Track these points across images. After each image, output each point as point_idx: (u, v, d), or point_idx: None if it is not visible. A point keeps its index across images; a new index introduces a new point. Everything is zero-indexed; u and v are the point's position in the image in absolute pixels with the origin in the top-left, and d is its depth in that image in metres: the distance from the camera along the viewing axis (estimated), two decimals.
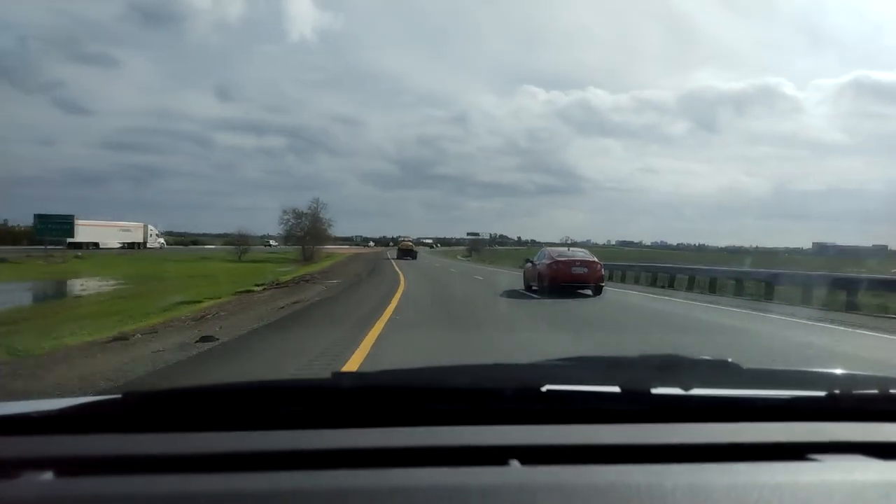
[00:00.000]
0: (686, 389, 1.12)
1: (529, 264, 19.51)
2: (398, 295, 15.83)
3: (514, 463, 0.89)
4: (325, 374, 1.22)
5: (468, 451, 0.92)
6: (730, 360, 1.27)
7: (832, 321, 11.21)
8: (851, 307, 13.84)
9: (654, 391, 1.12)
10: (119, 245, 70.31)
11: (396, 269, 33.58)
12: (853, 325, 10.62)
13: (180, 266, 39.45)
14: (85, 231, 67.53)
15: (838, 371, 1.37)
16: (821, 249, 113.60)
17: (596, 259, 17.89)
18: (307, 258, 51.10)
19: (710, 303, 15.67)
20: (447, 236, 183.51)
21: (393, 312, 11.11)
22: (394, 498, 0.78)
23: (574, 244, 26.37)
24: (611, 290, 18.89)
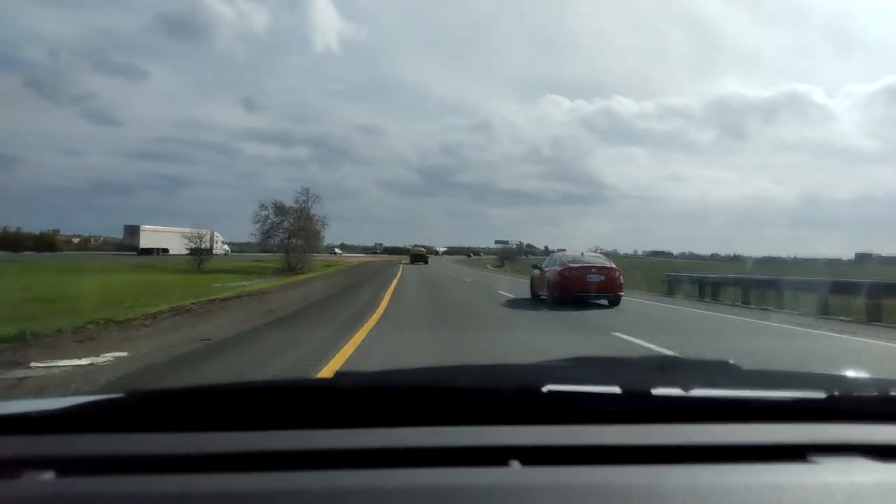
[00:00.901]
0: (686, 390, 1.12)
1: (537, 271, 17.78)
2: None
3: (515, 463, 0.89)
4: None
5: (469, 451, 0.93)
6: (730, 361, 1.27)
7: None
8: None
9: (655, 392, 1.13)
10: (187, 251, 71.07)
11: (396, 290, 20.18)
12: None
13: (82, 280, 21.26)
14: (152, 237, 65.69)
15: (838, 372, 1.37)
16: (862, 259, 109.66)
17: (614, 265, 15.90)
18: (290, 268, 39.11)
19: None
20: (470, 245, 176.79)
21: None
22: (394, 498, 0.78)
23: (604, 254, 22.87)
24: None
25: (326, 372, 7.29)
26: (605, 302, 15.44)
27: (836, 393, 1.17)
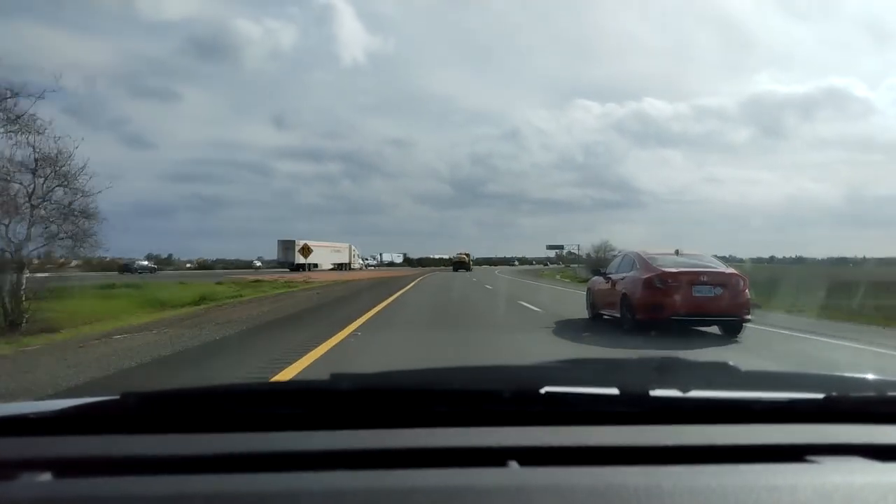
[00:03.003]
0: (684, 391, 1.13)
1: (600, 278, 11.95)
2: None
3: (513, 464, 0.89)
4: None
5: (467, 452, 0.93)
6: (729, 362, 1.26)
7: None
8: None
9: (653, 393, 1.13)
10: (331, 266, 62.45)
11: None
12: None
13: None
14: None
15: (836, 373, 1.34)
16: None
17: (735, 271, 9.92)
18: None
19: None
20: (504, 255, 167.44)
21: None
22: (392, 499, 0.78)
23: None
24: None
25: None
26: (712, 329, 9.97)
27: (833, 394, 1.16)
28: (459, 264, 69.15)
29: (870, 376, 1.29)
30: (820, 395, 1.15)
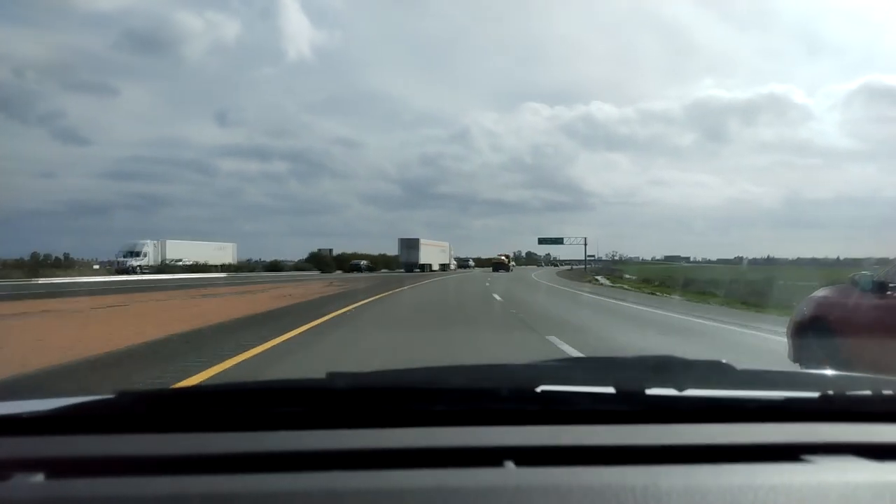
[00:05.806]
0: (680, 390, 1.13)
1: (866, 299, 4.96)
2: None
3: (510, 464, 0.89)
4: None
5: (463, 452, 0.93)
6: (724, 360, 1.27)
7: None
8: None
9: (649, 392, 1.13)
10: (439, 266, 61.54)
11: None
12: None
13: None
14: (425, 252, 62.39)
15: (832, 372, 1.35)
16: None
17: None
18: None
19: None
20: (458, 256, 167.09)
21: None
22: (388, 500, 0.78)
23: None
24: None
25: None
26: None
27: (829, 392, 1.17)
28: (499, 265, 71.68)
29: (865, 375, 1.30)
30: (815, 394, 1.15)
